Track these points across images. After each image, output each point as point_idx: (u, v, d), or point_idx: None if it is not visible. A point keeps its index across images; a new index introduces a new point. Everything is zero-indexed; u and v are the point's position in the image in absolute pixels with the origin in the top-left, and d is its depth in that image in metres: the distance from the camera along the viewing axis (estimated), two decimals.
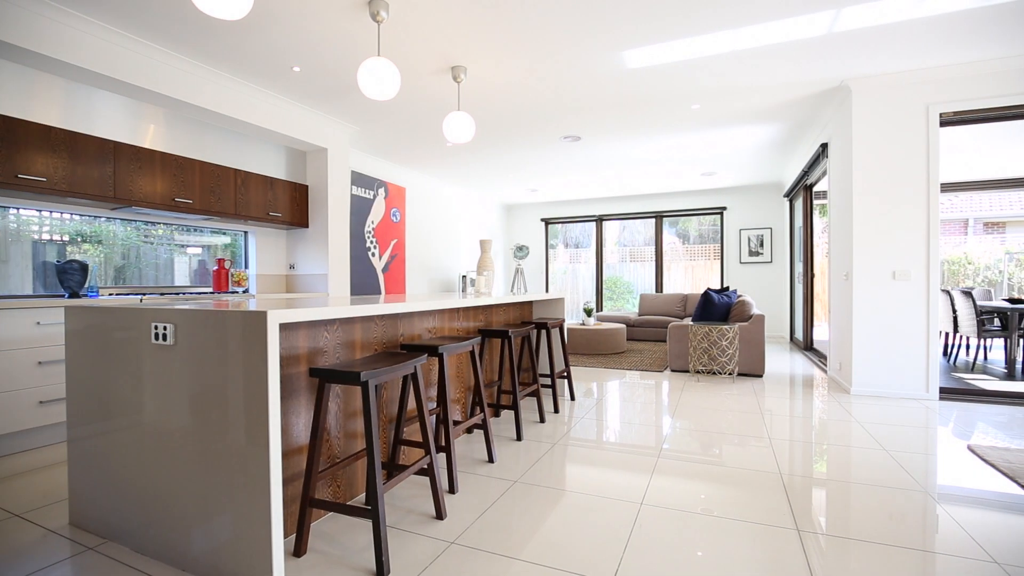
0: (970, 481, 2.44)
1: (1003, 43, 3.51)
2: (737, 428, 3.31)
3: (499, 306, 3.73)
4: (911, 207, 4.04)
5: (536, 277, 10.40)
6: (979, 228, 10.24)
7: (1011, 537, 1.90)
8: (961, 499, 2.24)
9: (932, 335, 4.02)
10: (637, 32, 3.34)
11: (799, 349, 7.03)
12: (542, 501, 2.22)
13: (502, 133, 5.53)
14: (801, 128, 5.43)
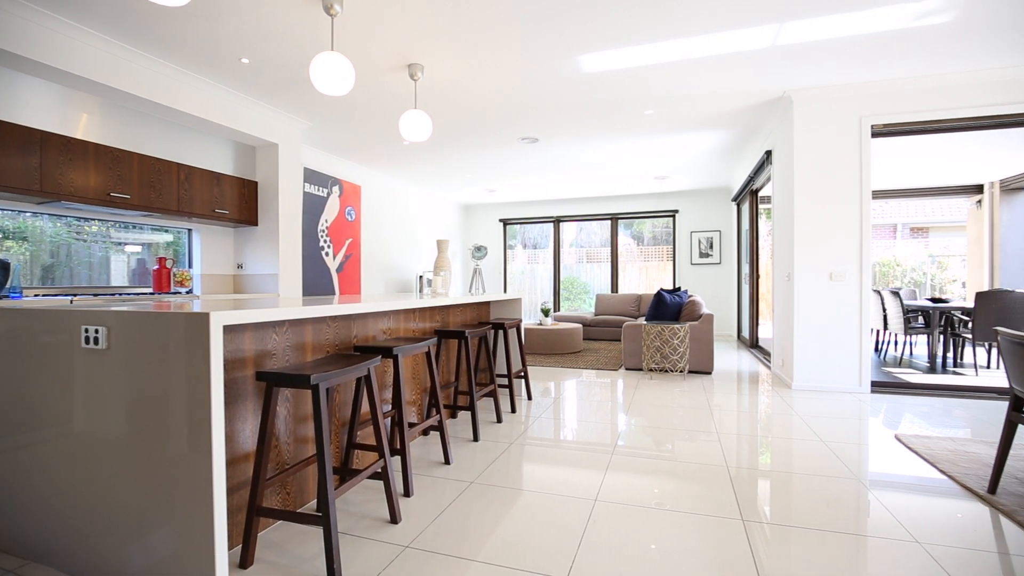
0: (897, 468, 2.62)
1: (927, 62, 3.78)
2: (687, 424, 3.42)
3: (456, 307, 3.71)
4: (846, 212, 4.30)
5: (494, 277, 10.41)
6: (906, 233, 11.01)
7: (931, 518, 2.06)
8: (889, 485, 2.40)
9: (865, 332, 4.29)
10: (593, 37, 3.40)
11: (746, 347, 7.34)
12: (499, 501, 2.23)
13: (460, 133, 5.51)
14: (748, 135, 5.68)
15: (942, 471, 2.54)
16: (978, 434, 3.18)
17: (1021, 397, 2.15)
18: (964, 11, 3.08)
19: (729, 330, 8.78)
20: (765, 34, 3.37)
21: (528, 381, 4.15)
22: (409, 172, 7.48)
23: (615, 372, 5.38)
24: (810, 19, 3.17)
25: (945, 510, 2.14)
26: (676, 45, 3.52)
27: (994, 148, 5.95)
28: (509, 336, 4.32)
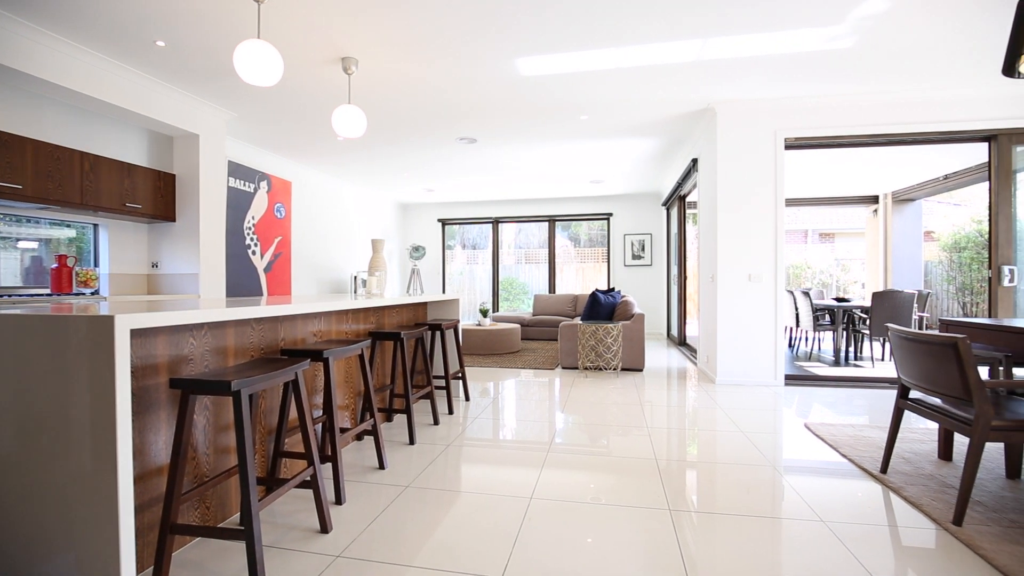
0: (806, 454, 2.84)
1: (834, 83, 4.14)
2: (620, 420, 3.55)
3: (392, 308, 3.63)
4: (763, 219, 4.63)
5: (433, 278, 10.29)
6: (816, 238, 12.00)
7: (833, 498, 2.25)
8: (799, 470, 2.60)
9: (779, 330, 4.64)
10: (529, 41, 3.44)
11: (675, 344, 7.71)
12: (435, 504, 2.20)
13: (397, 130, 5.40)
14: (676, 144, 5.97)
15: (843, 455, 2.79)
16: (875, 420, 3.52)
17: (907, 386, 2.40)
18: (864, 38, 3.40)
19: (659, 329, 9.18)
20: (692, 48, 3.55)
21: (466, 382, 4.14)
22: (344, 169, 7.24)
23: (552, 371, 5.48)
24: (731, 36, 3.38)
25: (845, 490, 2.35)
26: (610, 54, 3.63)
27: (888, 163, 6.62)
28: (446, 337, 4.29)
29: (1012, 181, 4.32)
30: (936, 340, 2.06)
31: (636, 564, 1.73)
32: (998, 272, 4.34)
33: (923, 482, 2.39)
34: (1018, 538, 1.87)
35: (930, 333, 2.11)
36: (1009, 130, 4.29)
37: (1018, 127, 4.27)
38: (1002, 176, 4.32)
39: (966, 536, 1.88)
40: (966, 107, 4.32)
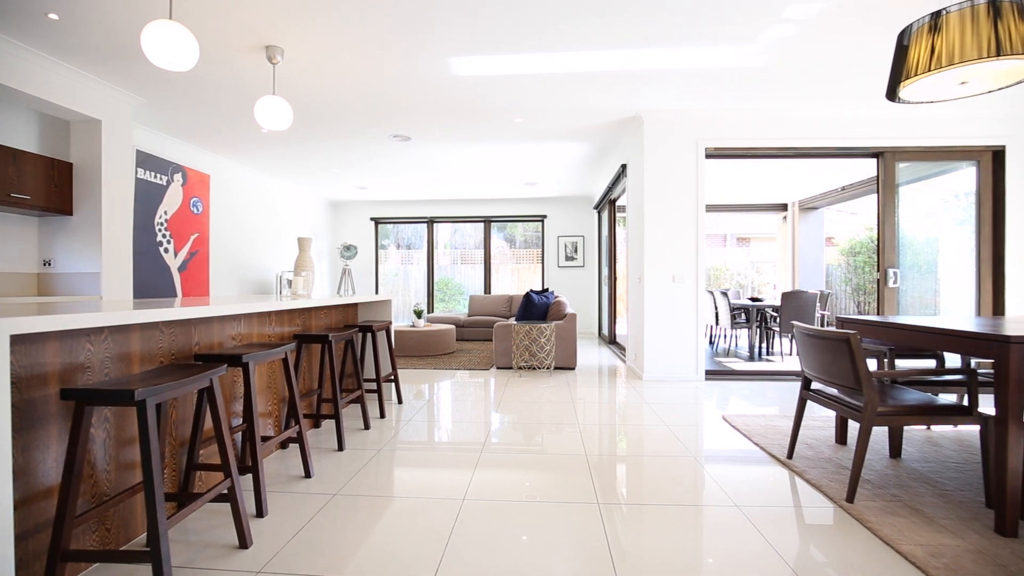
0: (723, 444, 3.04)
1: (749, 98, 4.45)
2: (552, 417, 3.62)
3: (320, 309, 3.49)
4: (686, 223, 4.89)
5: (366, 278, 10.00)
6: (734, 242, 12.85)
7: (746, 483, 2.42)
8: (717, 459, 2.77)
9: (700, 328, 4.92)
10: (463, 40, 3.44)
11: (606, 343, 7.97)
12: (365, 511, 2.14)
13: (327, 125, 5.20)
14: (607, 149, 6.18)
15: (756, 443, 3.01)
16: (784, 410, 3.82)
17: (809, 378, 2.62)
18: (774, 58, 3.68)
19: (591, 328, 9.45)
20: (620, 58, 3.69)
21: (398, 384, 4.05)
22: (269, 163, 6.87)
23: (487, 371, 5.49)
24: (658, 49, 3.55)
25: (757, 476, 2.53)
26: (543, 59, 3.70)
27: (796, 174, 7.21)
28: (378, 339, 4.18)
29: (895, 194, 4.84)
30: (832, 336, 2.27)
31: (567, 558, 1.78)
32: (885, 275, 4.85)
33: (823, 465, 2.63)
34: (898, 510, 2.10)
35: (827, 329, 2.32)
36: (893, 148, 4.81)
37: (901, 146, 4.80)
38: (888, 189, 4.84)
39: (857, 512, 2.09)
40: (859, 126, 4.79)
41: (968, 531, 1.93)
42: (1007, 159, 4.76)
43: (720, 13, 3.09)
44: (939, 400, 2.27)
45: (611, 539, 1.91)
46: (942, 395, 2.90)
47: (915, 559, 1.73)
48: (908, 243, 5.23)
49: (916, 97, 2.42)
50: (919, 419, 2.18)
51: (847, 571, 1.69)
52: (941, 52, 2.09)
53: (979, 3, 2.05)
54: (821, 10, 3.06)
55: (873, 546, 1.85)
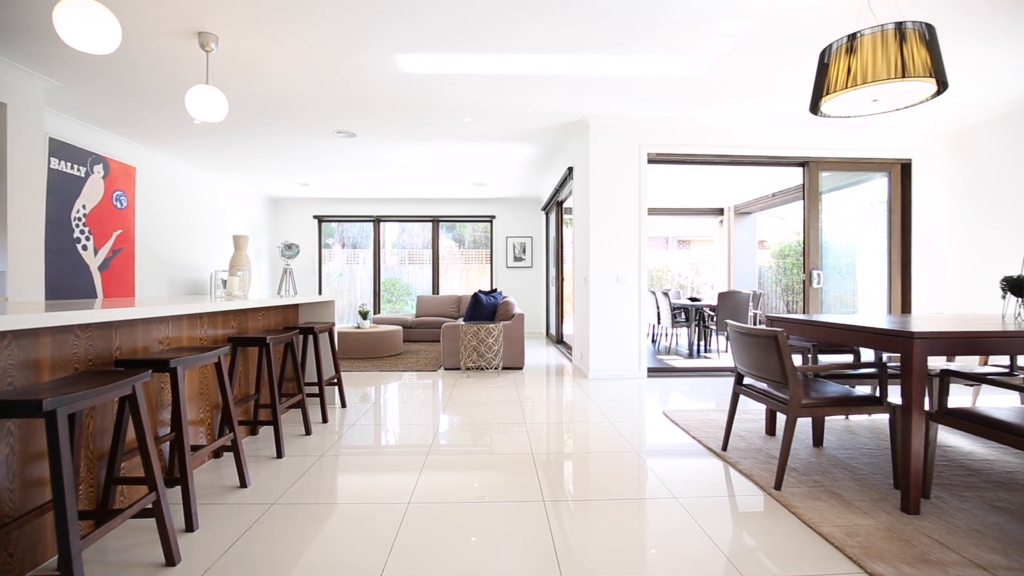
0: (663, 439, 3.15)
1: (689, 106, 4.64)
2: (500, 417, 3.63)
3: (257, 310, 3.34)
4: (629, 225, 5.04)
5: (308, 278, 9.64)
6: (675, 244, 13.38)
7: (684, 476, 2.53)
8: (658, 453, 2.88)
9: (643, 327, 5.09)
10: (410, 38, 3.39)
11: (553, 343, 8.09)
12: (305, 520, 2.07)
13: (266, 118, 4.97)
14: (554, 152, 6.27)
15: (694, 437, 3.14)
16: (720, 405, 4.01)
17: (742, 373, 2.77)
18: (712, 70, 3.86)
19: (539, 328, 9.56)
20: (567, 63, 3.76)
21: (342, 388, 3.94)
22: (204, 156, 6.49)
23: (434, 373, 5.44)
24: (603, 55, 3.64)
25: (694, 468, 2.65)
26: (491, 60, 3.71)
27: (732, 180, 7.59)
28: (320, 341, 4.05)
29: (819, 201, 5.20)
30: (761, 333, 2.41)
31: (513, 557, 1.79)
32: (810, 276, 5.20)
33: (754, 455, 2.78)
34: (820, 495, 2.25)
35: (757, 328, 2.47)
36: (817, 158, 5.16)
37: (824, 156, 5.16)
38: (812, 197, 5.19)
39: (784, 498, 2.23)
40: (788, 137, 5.11)
41: (879, 511, 2.10)
42: (913, 172, 5.23)
43: (660, 23, 3.20)
44: (855, 392, 2.45)
45: (557, 536, 1.94)
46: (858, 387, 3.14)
47: (833, 539, 1.86)
48: (830, 247, 5.63)
49: (835, 112, 2.61)
50: (838, 410, 2.36)
51: (774, 555, 1.80)
52: (856, 71, 2.26)
53: (888, 28, 2.24)
54: (752, 27, 3.24)
55: (798, 530, 1.98)
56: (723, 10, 3.06)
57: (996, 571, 1.66)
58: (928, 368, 2.42)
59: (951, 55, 3.60)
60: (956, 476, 2.49)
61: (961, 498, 2.23)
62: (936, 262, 5.23)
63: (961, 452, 2.85)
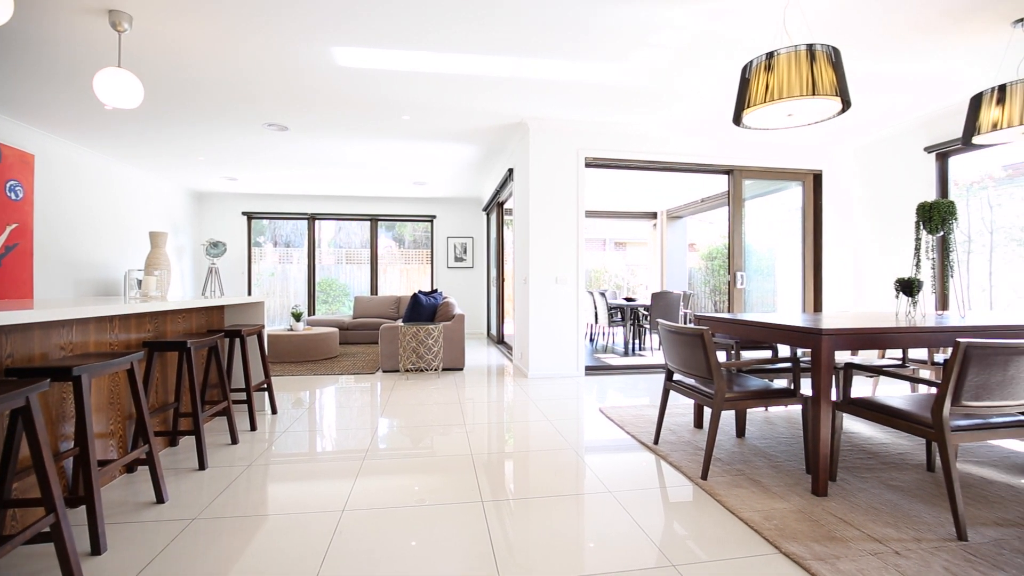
0: (600, 435, 3.25)
1: (624, 113, 4.81)
2: (439, 419, 3.60)
3: (177, 312, 3.12)
4: (568, 228, 5.15)
5: (237, 279, 9.12)
6: (612, 246, 13.81)
7: (619, 470, 2.61)
8: (594, 449, 2.96)
9: (580, 327, 5.21)
10: (347, 31, 3.29)
11: (494, 343, 8.11)
12: (230, 535, 1.95)
13: (189, 107, 4.65)
14: (495, 152, 6.29)
15: (628, 432, 3.26)
16: (653, 401, 4.18)
17: (672, 370, 2.90)
18: (644, 78, 4.01)
19: (481, 328, 9.57)
20: (507, 65, 3.78)
21: (272, 393, 3.76)
22: (116, 145, 5.97)
23: (372, 375, 5.30)
24: (542, 59, 3.69)
25: (628, 462, 2.74)
26: (431, 58, 3.67)
27: (664, 185, 7.94)
28: (248, 344, 3.84)
29: (742, 207, 5.55)
30: (688, 332, 2.54)
31: (451, 559, 1.78)
32: (734, 277, 5.53)
33: (683, 448, 2.92)
34: (742, 483, 2.40)
35: (684, 326, 2.60)
36: (741, 167, 5.50)
37: (746, 165, 5.51)
38: (736, 203, 5.53)
39: (709, 487, 2.36)
40: (715, 146, 5.42)
41: (793, 495, 2.27)
42: (823, 182, 5.69)
43: (587, 30, 3.28)
44: (773, 385, 2.64)
45: (497, 536, 1.94)
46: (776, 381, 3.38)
47: (753, 524, 1.99)
48: (753, 250, 6.02)
49: (755, 124, 2.79)
50: (758, 402, 2.52)
51: (701, 541, 1.90)
52: (773, 87, 2.43)
53: (801, 49, 2.42)
54: (679, 39, 3.40)
55: (722, 517, 2.10)
56: (651, 23, 3.18)
57: (889, 543, 1.84)
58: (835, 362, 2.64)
59: (853, 78, 3.96)
60: (858, 459, 2.74)
61: (862, 479, 2.46)
62: (844, 265, 5.72)
63: (863, 437, 3.13)
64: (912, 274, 3.18)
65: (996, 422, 2.03)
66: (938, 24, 3.17)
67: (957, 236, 4.71)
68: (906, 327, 2.35)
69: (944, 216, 2.96)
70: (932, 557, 1.75)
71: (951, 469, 1.89)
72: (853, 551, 1.79)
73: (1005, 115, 2.93)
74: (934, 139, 4.80)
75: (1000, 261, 4.70)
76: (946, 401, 1.90)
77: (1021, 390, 1.92)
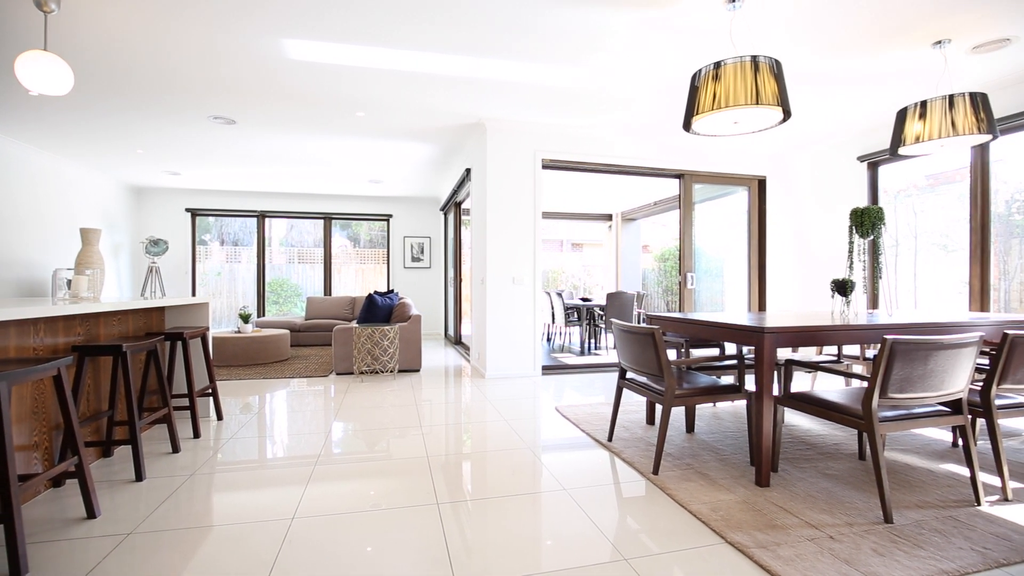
0: (556, 433, 3.28)
1: (581, 116, 4.88)
2: (395, 422, 3.54)
3: (112, 314, 2.94)
4: (525, 228, 5.19)
5: (180, 278, 8.66)
6: (569, 247, 13.99)
7: (574, 468, 2.65)
8: (550, 448, 2.99)
9: (537, 327, 5.25)
10: (298, 23, 3.18)
11: (452, 344, 8.06)
12: (170, 549, 1.85)
13: (128, 95, 4.38)
14: (452, 152, 6.26)
15: (583, 430, 3.31)
16: (608, 399, 4.27)
17: (625, 368, 2.97)
18: (599, 82, 4.09)
19: (438, 329, 9.48)
20: (465, 64, 3.77)
21: (218, 399, 3.60)
22: (44, 135, 5.55)
23: (325, 378, 5.16)
24: (499, 61, 3.70)
25: (583, 459, 2.79)
26: (387, 54, 3.60)
27: (619, 188, 8.12)
28: (191, 348, 3.67)
29: (692, 210, 5.75)
30: (640, 331, 2.61)
31: (405, 563, 1.75)
32: (685, 278, 5.72)
33: (636, 444, 3.00)
34: (691, 476, 2.49)
35: (637, 325, 2.66)
36: (691, 171, 5.70)
37: (696, 170, 5.71)
38: (686, 206, 5.72)
39: (661, 482, 2.43)
40: (667, 151, 5.58)
41: (738, 486, 2.37)
42: (768, 187, 5.98)
43: (544, 33, 3.31)
44: (721, 381, 2.75)
45: (453, 536, 1.93)
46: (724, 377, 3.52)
47: (701, 515, 2.07)
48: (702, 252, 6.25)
49: (704, 130, 2.90)
50: (706, 398, 2.62)
51: (652, 534, 1.96)
52: (720, 96, 2.53)
53: (746, 60, 2.53)
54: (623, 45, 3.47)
55: (672, 510, 2.17)
56: (598, 29, 3.23)
57: (824, 528, 1.96)
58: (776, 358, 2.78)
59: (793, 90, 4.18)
60: (798, 451, 2.89)
61: (801, 469, 2.60)
62: (787, 265, 6.02)
63: (802, 429, 3.31)
64: (846, 275, 3.39)
65: (918, 412, 2.19)
66: (870, 43, 3.39)
67: (886, 240, 5.06)
68: (840, 325, 2.50)
69: (874, 221, 3.17)
70: (862, 540, 1.87)
71: (879, 457, 2.03)
72: (792, 537, 1.88)
73: (926, 129, 3.17)
74: (866, 149, 5.13)
75: (924, 263, 5.07)
76: (875, 394, 2.03)
77: (940, 382, 2.08)
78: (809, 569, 1.67)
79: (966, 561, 1.72)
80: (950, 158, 4.56)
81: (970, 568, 1.68)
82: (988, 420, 2.28)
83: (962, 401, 2.20)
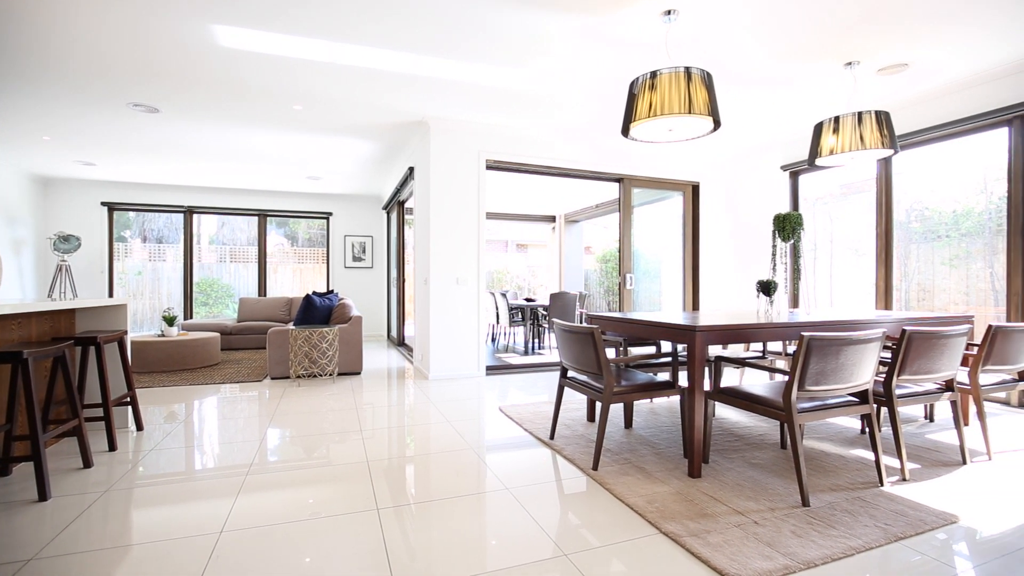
0: (499, 433, 3.30)
1: (525, 118, 4.93)
2: (335, 426, 3.43)
3: (10, 317, 2.67)
4: (469, 229, 5.17)
5: (96, 278, 7.98)
6: (514, 248, 14.09)
7: (516, 467, 2.68)
8: (494, 448, 3.00)
9: (481, 327, 5.26)
10: (227, 8, 3.02)
11: (395, 345, 7.91)
12: (77, 573, 1.71)
13: (31, 75, 3.98)
14: (395, 150, 6.14)
15: (526, 429, 3.35)
16: (551, 397, 4.33)
17: (567, 367, 3.03)
18: (542, 86, 4.15)
19: (380, 331, 9.28)
20: (407, 61, 3.71)
21: (137, 408, 3.35)
22: None
23: (259, 383, 4.93)
24: (442, 59, 3.67)
25: (525, 458, 2.82)
26: (325, 46, 3.49)
27: (562, 191, 8.26)
28: (106, 353, 3.39)
29: (631, 213, 5.95)
30: (581, 330, 2.67)
31: (343, 571, 1.70)
32: (624, 279, 5.91)
33: (577, 442, 3.06)
34: (628, 471, 2.58)
35: (577, 325, 2.73)
36: (631, 176, 5.90)
37: (635, 174, 5.91)
38: (626, 209, 5.91)
39: (600, 477, 2.50)
40: (608, 156, 5.74)
41: (672, 478, 2.48)
42: (701, 193, 6.28)
43: (489, 33, 3.33)
44: (657, 378, 2.86)
45: (395, 541, 1.90)
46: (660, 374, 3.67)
47: (638, 508, 2.15)
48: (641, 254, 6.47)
49: (642, 136, 3.01)
50: (644, 394, 2.72)
51: (592, 529, 2.01)
52: (655, 104, 2.64)
53: (679, 70, 2.65)
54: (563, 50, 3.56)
55: (611, 504, 2.23)
56: (537, 33, 3.28)
57: (749, 514, 2.08)
58: (707, 355, 2.93)
59: (723, 102, 4.42)
60: (727, 442, 3.06)
61: (730, 459, 2.75)
62: (718, 267, 6.35)
63: (731, 422, 3.50)
64: (770, 276, 3.62)
65: (832, 403, 2.38)
66: (790, 61, 3.64)
67: (805, 244, 5.45)
68: (764, 323, 2.67)
69: (794, 226, 3.41)
70: (782, 523, 2.00)
71: (797, 446, 2.18)
72: (721, 525, 1.99)
73: (839, 142, 3.45)
74: (788, 159, 5.50)
75: (839, 266, 5.50)
76: (794, 387, 2.19)
77: (850, 374, 2.27)
78: (736, 553, 1.77)
79: (870, 537, 1.89)
80: (860, 169, 4.98)
81: (873, 543, 1.85)
82: (890, 408, 2.51)
83: (868, 392, 2.41)
